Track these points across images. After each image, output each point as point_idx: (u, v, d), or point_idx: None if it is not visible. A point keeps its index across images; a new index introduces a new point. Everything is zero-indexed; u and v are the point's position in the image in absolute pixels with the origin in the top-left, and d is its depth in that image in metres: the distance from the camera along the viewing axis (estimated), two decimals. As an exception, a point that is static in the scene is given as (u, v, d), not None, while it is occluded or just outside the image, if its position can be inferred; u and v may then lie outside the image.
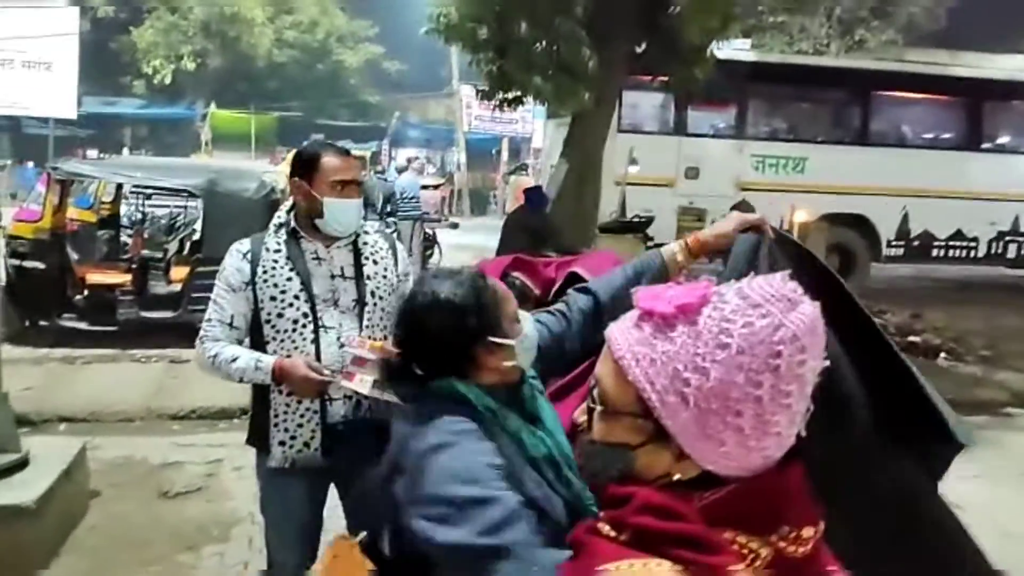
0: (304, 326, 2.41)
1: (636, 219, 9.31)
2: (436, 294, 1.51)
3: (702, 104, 11.28)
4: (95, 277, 7.95)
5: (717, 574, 0.92)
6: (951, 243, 11.88)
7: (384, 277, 2.52)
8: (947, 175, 11.61)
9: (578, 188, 9.56)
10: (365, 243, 2.53)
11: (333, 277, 2.46)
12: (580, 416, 1.11)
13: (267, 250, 2.45)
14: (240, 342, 2.47)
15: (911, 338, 8.22)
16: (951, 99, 12.07)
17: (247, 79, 27.60)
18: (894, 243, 11.69)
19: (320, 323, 2.42)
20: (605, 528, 1.00)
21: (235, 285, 2.44)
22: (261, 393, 2.49)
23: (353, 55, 28.94)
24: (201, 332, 2.48)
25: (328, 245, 2.48)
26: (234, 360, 2.39)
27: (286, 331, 2.42)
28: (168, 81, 25.93)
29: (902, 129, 12.28)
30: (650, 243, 8.53)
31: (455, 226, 13.69)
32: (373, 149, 25.54)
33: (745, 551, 0.96)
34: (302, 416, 2.43)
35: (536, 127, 23.33)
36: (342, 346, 2.40)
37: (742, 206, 11.17)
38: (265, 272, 2.43)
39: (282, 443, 2.44)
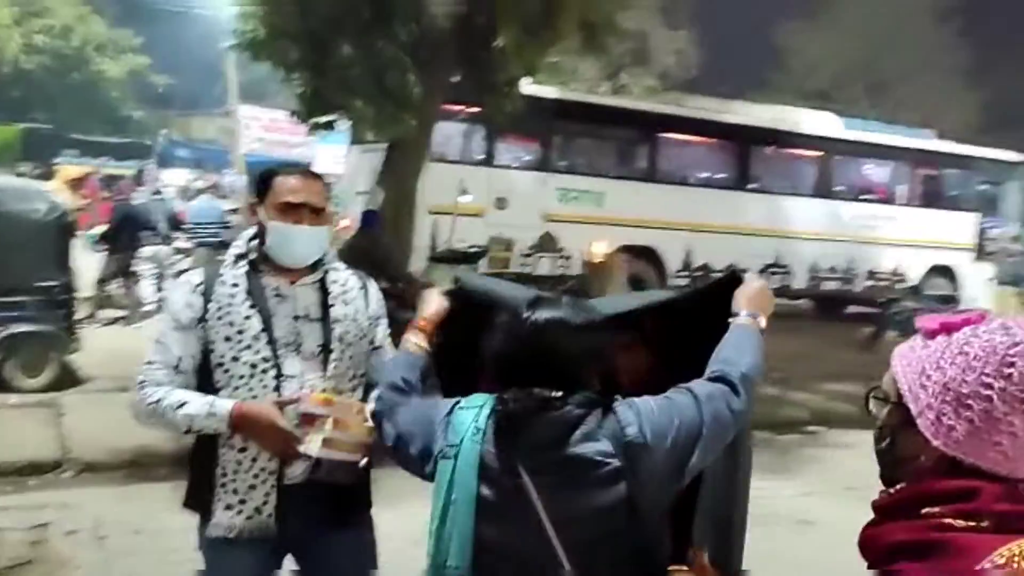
0: (264, 371, 2.14)
1: (473, 249, 9.33)
2: (587, 317, 1.66)
3: (510, 137, 11.57)
4: None
5: None
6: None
7: (354, 320, 2.27)
8: (722, 212, 12.72)
9: (395, 216, 9.44)
10: (335, 281, 2.27)
11: (296, 318, 2.20)
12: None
13: (223, 283, 2.17)
14: (187, 388, 2.14)
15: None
16: (724, 143, 13.28)
17: (-14, 86, 24.65)
18: (679, 273, 12.57)
19: (280, 370, 2.15)
20: (959, 522, 1.11)
21: (184, 322, 2.15)
22: (206, 446, 2.16)
23: (114, 66, 26.71)
24: (140, 376, 2.15)
25: (292, 281, 2.21)
26: (181, 406, 2.08)
27: (242, 377, 2.13)
28: None
29: (684, 168, 13.29)
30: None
31: (253, 253, 12.93)
32: (137, 168, 23.67)
33: None
34: (256, 476, 2.13)
35: (320, 152, 22.74)
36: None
37: (545, 239, 11.58)
38: (220, 308, 2.14)
39: (229, 507, 2.13)
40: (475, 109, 10.34)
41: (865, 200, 14.46)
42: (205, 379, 2.15)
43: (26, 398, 6.45)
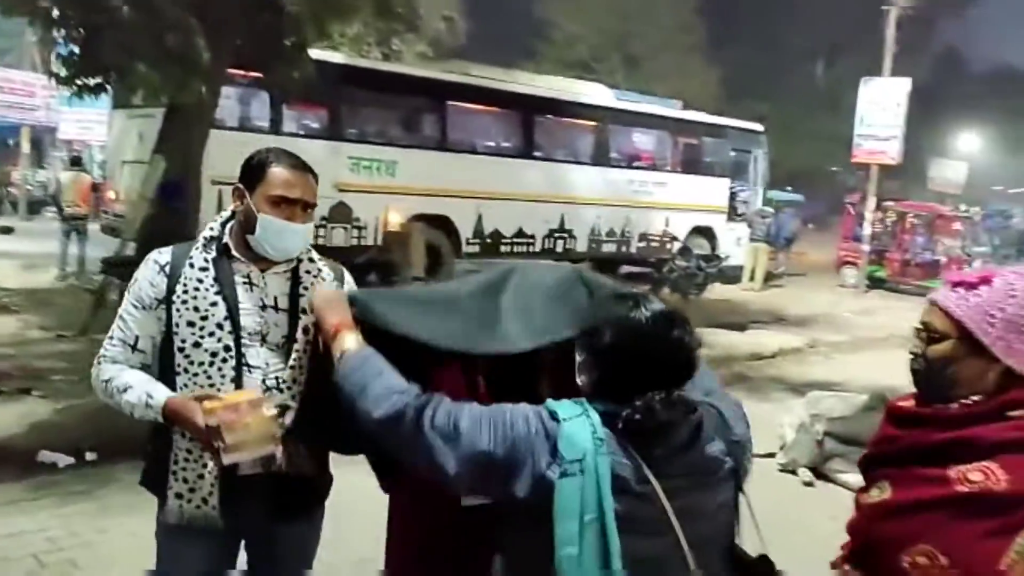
0: (224, 361, 2.06)
1: None
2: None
3: (298, 104, 11.16)
4: None
5: None
6: (515, 239, 13.39)
7: None
8: (510, 180, 13.09)
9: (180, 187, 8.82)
10: (307, 271, 2.19)
11: (264, 308, 2.12)
12: (912, 347, 1.68)
13: (191, 266, 2.09)
14: (145, 367, 2.08)
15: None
16: (510, 112, 13.59)
17: None
18: (471, 240, 12.80)
19: (244, 360, 2.07)
20: None
21: (146, 302, 2.09)
22: (163, 430, 2.08)
23: None
24: (101, 351, 2.08)
25: (264, 270, 2.13)
26: (126, 390, 2.02)
27: (201, 364, 2.05)
28: None
29: (474, 137, 13.46)
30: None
31: (9, 230, 11.56)
32: None
33: None
34: (204, 467, 2.06)
35: (65, 116, 20.59)
36: (267, 389, 2.06)
37: (338, 209, 11.32)
38: (186, 291, 2.07)
39: (179, 496, 2.09)
40: (260, 75, 9.86)
41: (636, 167, 15.47)
42: (167, 362, 2.08)
43: None
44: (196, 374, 2.05)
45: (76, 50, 8.13)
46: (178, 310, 2.06)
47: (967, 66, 50.96)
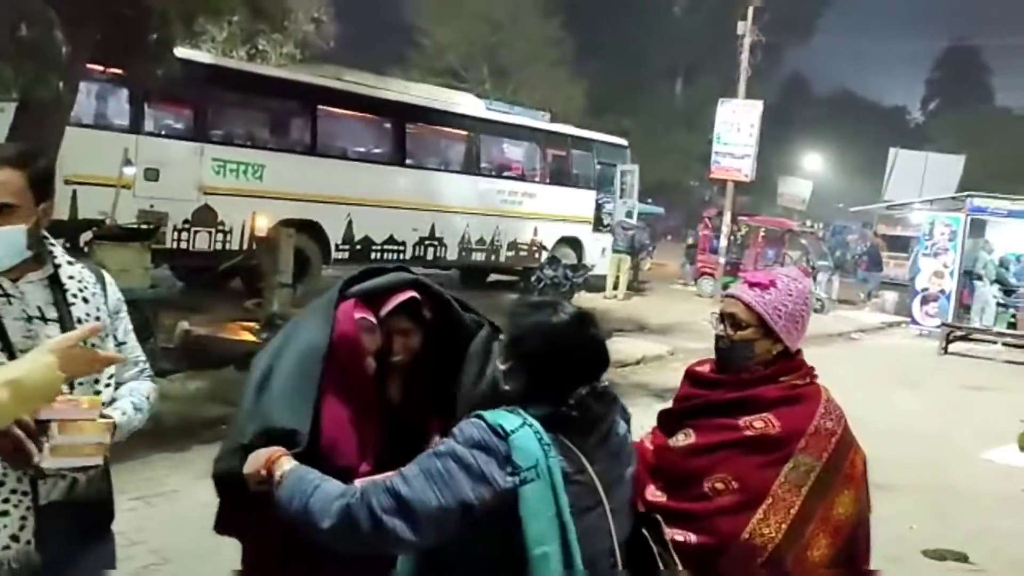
0: None
1: (145, 225, 8.42)
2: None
3: (161, 103, 10.75)
4: None
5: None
6: (385, 246, 13.33)
7: (96, 319, 2.05)
8: (381, 186, 13.05)
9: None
10: (71, 277, 2.04)
11: (30, 319, 1.95)
12: (720, 331, 2.15)
13: None
14: None
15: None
16: (382, 119, 13.58)
17: None
18: (341, 247, 12.65)
19: None
20: (799, 382, 2.12)
21: None
22: None
23: None
24: None
25: (15, 279, 1.95)
26: None
27: None
28: None
29: (345, 143, 13.35)
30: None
31: None
32: None
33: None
34: (6, 500, 1.87)
35: None
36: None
37: (202, 212, 10.95)
38: None
39: None
40: (121, 71, 9.47)
41: (506, 177, 15.75)
42: None
43: None
44: None
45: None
46: None
47: (811, 90, 54.61)
